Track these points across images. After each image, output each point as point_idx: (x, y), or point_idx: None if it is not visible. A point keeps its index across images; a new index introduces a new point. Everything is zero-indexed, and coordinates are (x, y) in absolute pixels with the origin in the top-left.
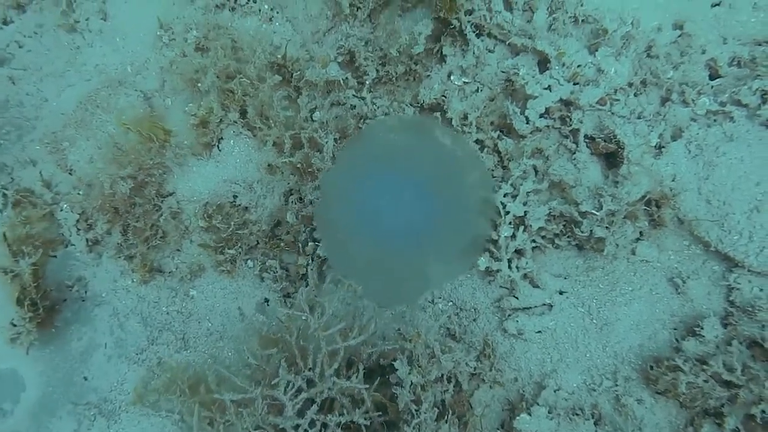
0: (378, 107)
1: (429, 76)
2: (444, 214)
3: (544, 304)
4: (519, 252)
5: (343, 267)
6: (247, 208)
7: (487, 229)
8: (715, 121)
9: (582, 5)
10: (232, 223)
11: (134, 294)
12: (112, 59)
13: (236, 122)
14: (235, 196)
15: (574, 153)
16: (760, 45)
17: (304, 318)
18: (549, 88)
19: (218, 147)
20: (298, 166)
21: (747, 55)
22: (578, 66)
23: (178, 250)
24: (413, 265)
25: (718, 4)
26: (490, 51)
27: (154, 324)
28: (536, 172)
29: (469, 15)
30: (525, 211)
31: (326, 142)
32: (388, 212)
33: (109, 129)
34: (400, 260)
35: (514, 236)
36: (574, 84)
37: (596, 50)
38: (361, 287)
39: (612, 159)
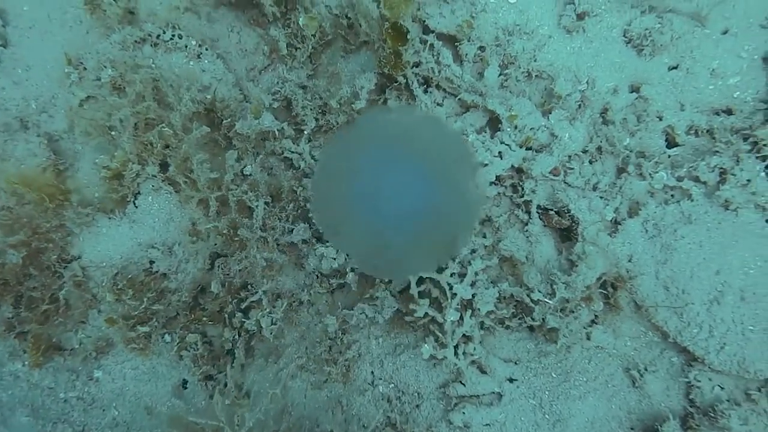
0: (317, 161)
1: None
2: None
3: (493, 393)
4: (466, 337)
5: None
6: (165, 274)
7: None
8: (672, 197)
9: (535, 60)
10: (146, 299)
11: (24, 380)
12: (13, 93)
13: (155, 176)
14: (151, 262)
15: (526, 224)
16: (718, 114)
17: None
18: (500, 154)
19: (134, 203)
20: (225, 232)
21: (705, 124)
22: (531, 129)
23: (83, 322)
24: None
25: (675, 68)
26: (438, 104)
27: (47, 416)
28: (485, 244)
29: (416, 68)
30: (473, 294)
31: (256, 206)
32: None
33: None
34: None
35: (461, 320)
36: (527, 149)
37: (550, 113)
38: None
39: (566, 232)
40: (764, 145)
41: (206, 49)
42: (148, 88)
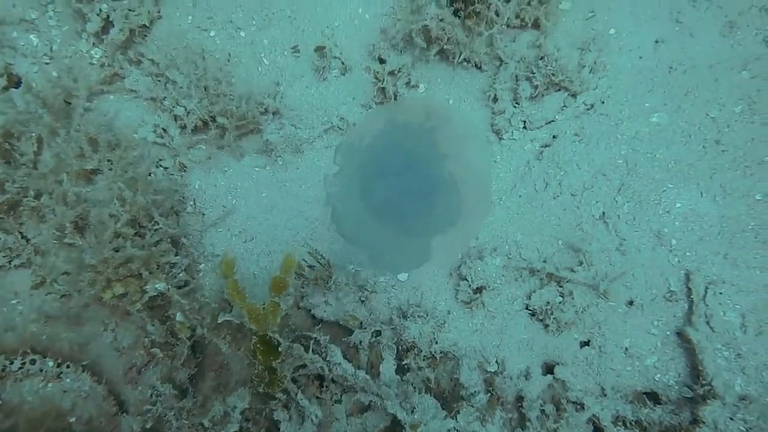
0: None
1: None
2: None
3: None
4: None
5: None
6: None
7: None
8: None
9: (436, 342)
10: None
11: None
12: None
13: None
14: None
15: None
16: (644, 404)
17: None
18: None
19: None
20: None
21: (631, 414)
22: None
23: None
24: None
25: (587, 344)
26: (337, 401)
27: None
28: None
29: (302, 368)
30: None
31: None
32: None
33: None
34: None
35: None
36: None
37: (457, 413)
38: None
39: None
40: None
41: (67, 366)
42: None
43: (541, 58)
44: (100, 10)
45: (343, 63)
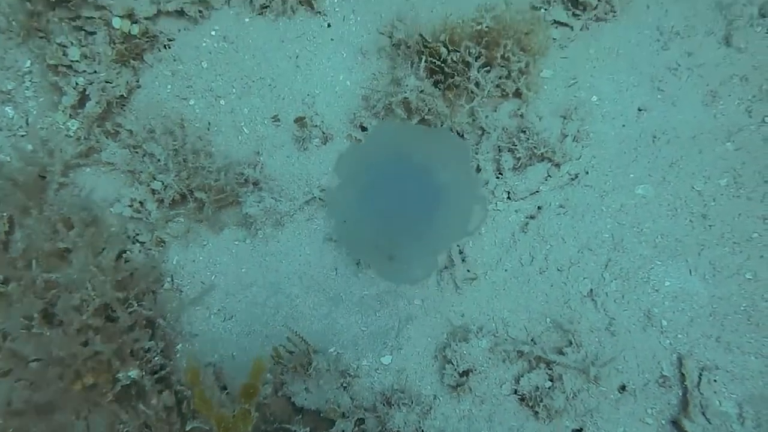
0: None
1: None
2: None
3: None
4: None
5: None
6: None
7: None
8: None
9: (422, 431)
10: None
11: None
12: None
13: None
14: None
15: None
16: None
17: None
18: None
19: None
20: None
21: None
22: None
23: None
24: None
25: (579, 431)
26: None
27: None
28: None
29: None
30: None
31: None
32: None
33: None
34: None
35: None
36: None
37: None
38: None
39: None
40: None
41: None
42: None
43: (523, 131)
44: (77, 83)
45: (323, 132)
